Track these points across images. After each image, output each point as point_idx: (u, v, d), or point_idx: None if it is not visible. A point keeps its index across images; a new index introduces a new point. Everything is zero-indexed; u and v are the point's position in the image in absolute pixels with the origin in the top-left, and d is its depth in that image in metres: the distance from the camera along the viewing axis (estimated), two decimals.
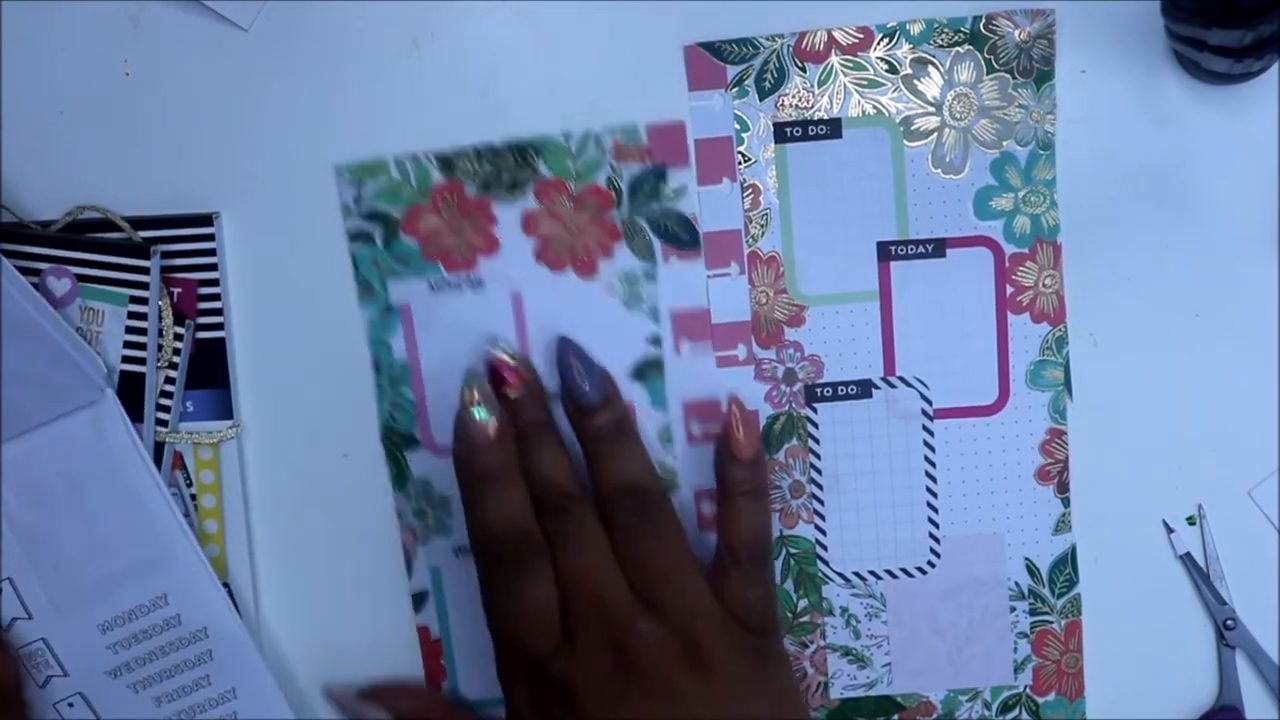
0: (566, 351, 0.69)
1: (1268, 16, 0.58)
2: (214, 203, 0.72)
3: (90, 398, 0.70)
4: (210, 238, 0.71)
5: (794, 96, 0.69)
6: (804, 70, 0.69)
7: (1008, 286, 0.69)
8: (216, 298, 0.72)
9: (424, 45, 0.70)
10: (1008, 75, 0.68)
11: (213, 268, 0.72)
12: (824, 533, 0.72)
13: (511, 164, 0.70)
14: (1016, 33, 0.67)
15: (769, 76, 0.69)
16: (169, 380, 0.71)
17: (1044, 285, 0.69)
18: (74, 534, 0.70)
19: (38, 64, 0.71)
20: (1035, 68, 0.68)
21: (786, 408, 0.71)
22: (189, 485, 0.73)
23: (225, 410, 0.73)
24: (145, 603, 0.71)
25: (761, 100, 0.69)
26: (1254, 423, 0.70)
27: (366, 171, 0.70)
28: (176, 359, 0.71)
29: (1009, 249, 0.69)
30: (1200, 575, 0.71)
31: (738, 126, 0.69)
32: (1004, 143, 0.68)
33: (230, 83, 0.71)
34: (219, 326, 0.72)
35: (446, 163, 0.70)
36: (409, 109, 0.70)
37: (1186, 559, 0.71)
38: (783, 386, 0.71)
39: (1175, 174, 0.68)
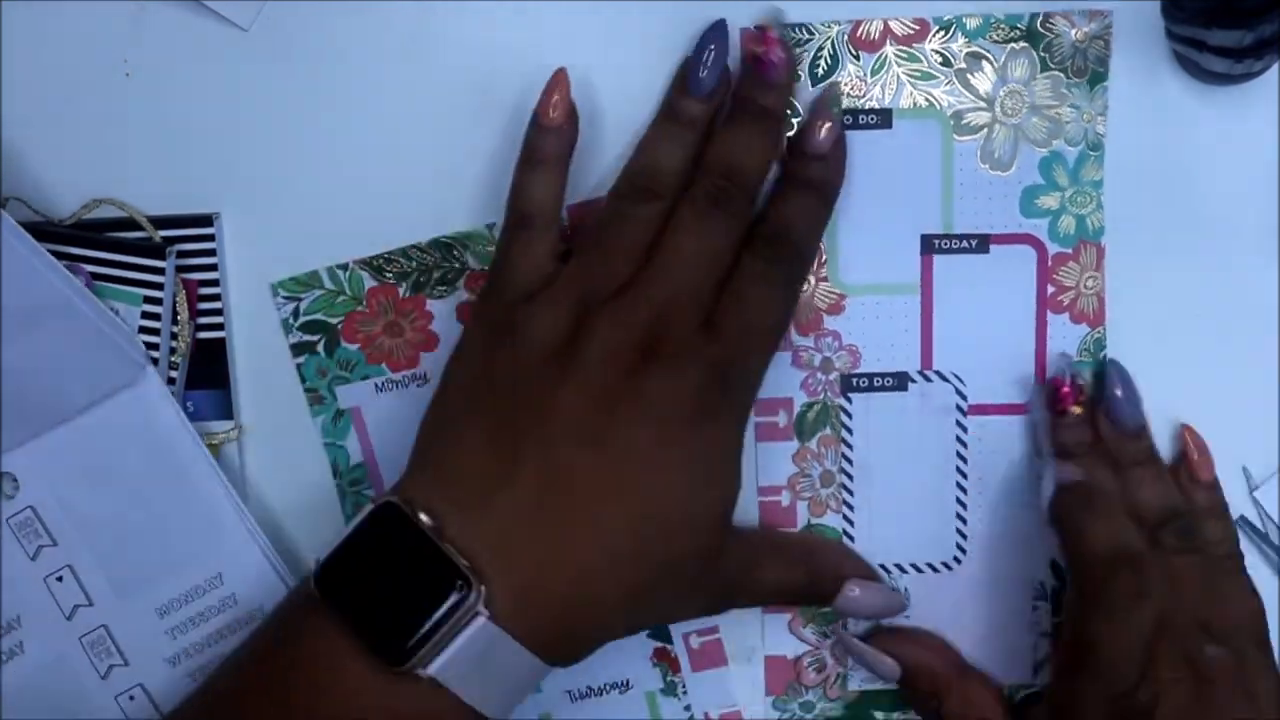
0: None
1: (1268, 16, 0.59)
2: (214, 203, 0.71)
3: (132, 377, 0.69)
4: (210, 238, 0.71)
5: (846, 84, 0.68)
6: (858, 58, 0.68)
7: (1049, 286, 0.69)
8: (217, 298, 0.71)
9: (424, 45, 0.69)
10: (1061, 74, 0.68)
11: (213, 268, 0.71)
12: (852, 523, 0.71)
13: (439, 260, 0.70)
14: (1073, 32, 0.67)
15: (822, 63, 0.68)
16: (170, 381, 0.71)
17: (1085, 286, 0.69)
18: (130, 515, 0.69)
19: (38, 64, 0.70)
20: (1089, 68, 0.68)
21: (821, 396, 0.70)
22: None
23: (225, 410, 0.72)
24: (201, 583, 0.70)
25: (814, 86, 0.68)
26: (1254, 423, 0.71)
27: (300, 285, 0.70)
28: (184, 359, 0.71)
29: (1052, 248, 0.69)
30: None
31: (789, 112, 0.68)
32: (1053, 141, 0.68)
33: (230, 83, 0.70)
34: (219, 327, 0.72)
35: (376, 268, 0.70)
36: (410, 108, 0.70)
37: None
38: (819, 374, 0.70)
39: (1175, 174, 0.69)
